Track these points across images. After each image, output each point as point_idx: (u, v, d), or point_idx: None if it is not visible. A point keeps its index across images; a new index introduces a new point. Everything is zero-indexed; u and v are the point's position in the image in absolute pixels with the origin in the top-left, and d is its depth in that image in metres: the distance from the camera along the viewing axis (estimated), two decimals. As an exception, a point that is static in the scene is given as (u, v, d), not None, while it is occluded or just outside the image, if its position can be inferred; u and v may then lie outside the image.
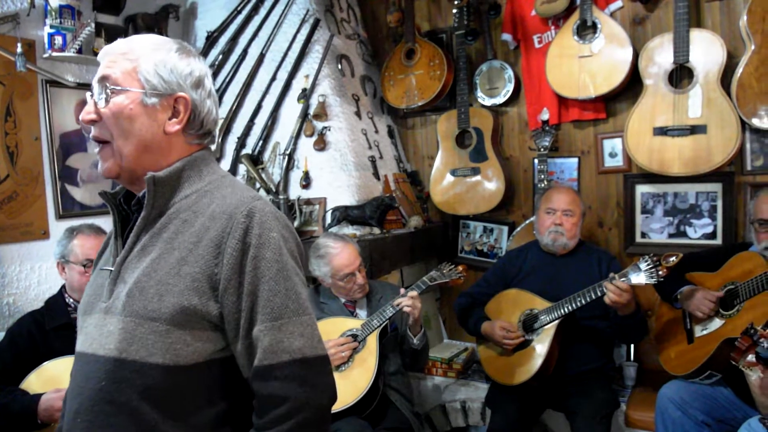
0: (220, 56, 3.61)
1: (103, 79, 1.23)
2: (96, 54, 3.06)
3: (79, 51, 3.03)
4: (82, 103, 3.22)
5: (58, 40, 2.98)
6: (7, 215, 2.91)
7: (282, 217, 1.27)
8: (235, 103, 3.52)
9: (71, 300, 2.49)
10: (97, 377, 1.18)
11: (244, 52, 3.58)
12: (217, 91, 3.59)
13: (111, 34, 3.23)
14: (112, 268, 1.26)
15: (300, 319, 1.21)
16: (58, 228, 3.00)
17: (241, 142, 3.47)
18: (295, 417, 1.16)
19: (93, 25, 3.07)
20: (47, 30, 2.96)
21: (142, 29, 3.40)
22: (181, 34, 3.82)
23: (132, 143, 1.23)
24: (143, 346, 1.15)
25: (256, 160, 3.40)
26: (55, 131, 3.12)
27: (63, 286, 2.54)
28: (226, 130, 3.54)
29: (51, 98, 3.10)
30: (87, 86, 3.25)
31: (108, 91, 1.22)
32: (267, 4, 3.58)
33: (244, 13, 3.61)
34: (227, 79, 3.59)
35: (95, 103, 1.24)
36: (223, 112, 3.56)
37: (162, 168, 1.25)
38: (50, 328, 2.39)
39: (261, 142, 3.42)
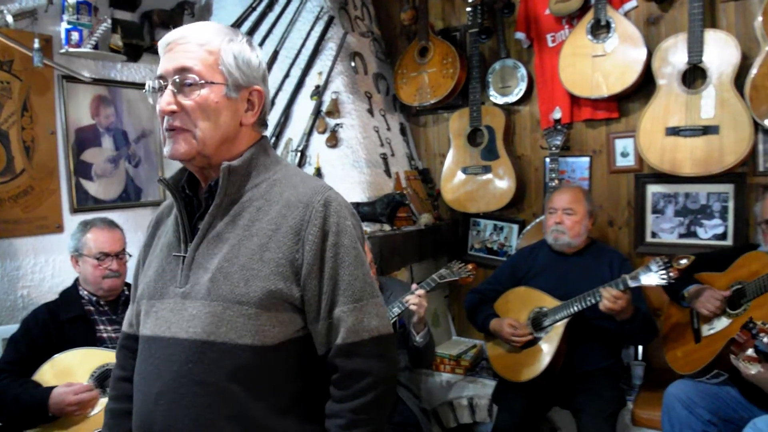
0: (234, 53, 3.63)
1: (184, 71, 1.24)
2: (113, 50, 3.14)
3: (96, 47, 3.07)
4: (98, 99, 3.29)
5: (75, 35, 3.02)
6: (22, 209, 2.96)
7: (350, 206, 1.34)
8: (249, 100, 3.54)
9: (85, 292, 2.53)
10: (182, 359, 1.23)
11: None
12: (231, 87, 3.62)
13: (127, 30, 3.28)
14: (184, 254, 1.31)
15: (375, 300, 1.31)
16: (72, 222, 3.05)
17: (254, 138, 3.49)
18: (375, 389, 1.26)
19: (109, 21, 3.11)
20: (64, 26, 3.00)
21: (158, 25, 3.45)
22: (196, 31, 3.85)
23: (217, 135, 1.27)
24: (232, 329, 1.22)
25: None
26: (70, 126, 3.16)
27: (77, 279, 2.58)
28: (239, 126, 3.56)
29: (67, 93, 3.15)
30: (103, 82, 3.31)
31: (192, 83, 1.24)
32: (282, 1, 3.61)
33: (259, 10, 3.64)
34: (241, 76, 3.62)
35: (174, 94, 1.25)
36: (237, 108, 3.58)
37: (233, 156, 1.31)
38: (64, 319, 2.43)
39: (274, 138, 3.45)
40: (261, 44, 3.60)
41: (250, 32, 3.64)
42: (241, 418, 1.23)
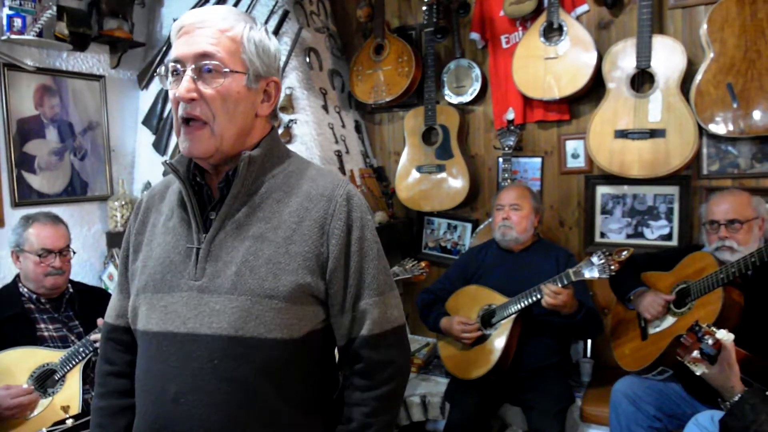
0: (186, 45, 3.55)
1: (205, 56, 1.20)
2: (58, 38, 3.02)
3: (40, 34, 2.94)
4: (42, 88, 3.16)
5: (18, 22, 2.89)
6: (-40, 201, 2.83)
7: (365, 201, 1.37)
8: (201, 93, 3.47)
9: (25, 290, 2.44)
10: (205, 356, 1.20)
11: (211, 41, 3.52)
12: (183, 80, 3.54)
13: (73, 17, 3.16)
14: (198, 246, 1.26)
15: (394, 292, 1.35)
16: (14, 216, 2.92)
17: (206, 133, 3.42)
18: (398, 377, 1.32)
19: (54, 8, 2.99)
20: (6, 11, 2.87)
21: (106, 14, 3.33)
22: (147, 22, 3.75)
23: (235, 126, 1.24)
24: (261, 323, 1.20)
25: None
26: (12, 116, 3.03)
27: (17, 276, 2.48)
28: (191, 120, 3.48)
29: (9, 82, 3.01)
30: (48, 71, 3.18)
31: (214, 70, 1.20)
32: (235, -6, 3.54)
33: (212, 2, 3.56)
34: (193, 69, 3.53)
35: (194, 80, 1.20)
36: (188, 101, 3.51)
37: (247, 148, 1.28)
38: (2, 317, 2.33)
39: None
40: (214, 37, 3.52)
41: (203, 24, 3.55)
42: (268, 413, 1.22)
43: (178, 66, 1.22)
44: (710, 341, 1.79)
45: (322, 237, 1.25)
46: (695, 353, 1.82)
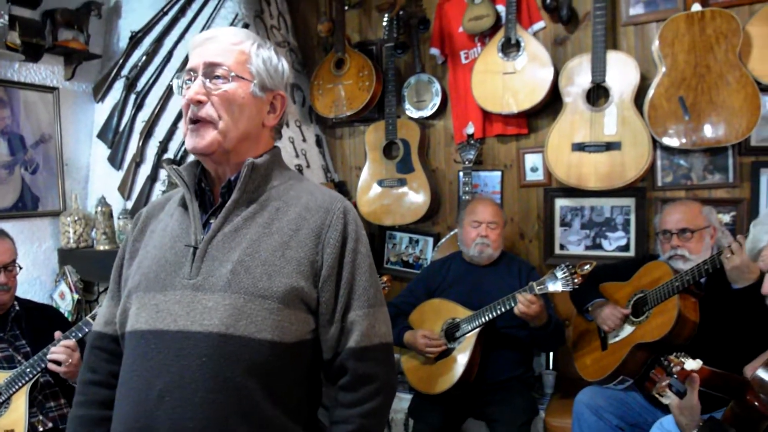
0: (144, 57, 3.49)
1: (215, 66, 1.29)
2: (10, 48, 2.94)
3: (-10, 44, 2.86)
4: (-8, 100, 3.06)
5: (-34, 31, 2.81)
6: None
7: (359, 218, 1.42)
8: (158, 107, 3.41)
9: (-29, 305, 2.33)
10: (194, 353, 1.20)
11: (170, 54, 3.47)
12: (139, 93, 3.48)
13: (26, 28, 3.08)
14: (196, 245, 1.29)
15: (383, 308, 1.37)
16: (-41, 231, 2.81)
17: (163, 147, 3.36)
18: (382, 393, 1.32)
19: (6, 17, 2.91)
20: (-47, 20, 2.79)
21: (62, 25, 3.26)
22: (104, 33, 3.68)
23: (239, 129, 1.31)
24: (252, 323, 1.21)
25: (178, 165, 3.29)
26: (-41, 128, 2.93)
27: (-37, 291, 2.37)
28: (148, 133, 3.42)
29: (-44, 93, 2.92)
30: (-2, 82, 3.09)
31: (222, 76, 1.29)
32: (195, 7, 3.49)
33: (171, 14, 3.51)
34: (150, 82, 3.47)
35: (203, 84, 1.28)
36: (146, 115, 3.45)
37: (252, 156, 1.34)
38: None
39: (183, 147, 3.33)
40: (172, 50, 3.47)
41: (161, 37, 3.51)
42: (254, 416, 1.21)
43: (192, 74, 1.32)
44: (677, 369, 1.77)
45: (318, 245, 1.29)
46: (664, 383, 1.81)
